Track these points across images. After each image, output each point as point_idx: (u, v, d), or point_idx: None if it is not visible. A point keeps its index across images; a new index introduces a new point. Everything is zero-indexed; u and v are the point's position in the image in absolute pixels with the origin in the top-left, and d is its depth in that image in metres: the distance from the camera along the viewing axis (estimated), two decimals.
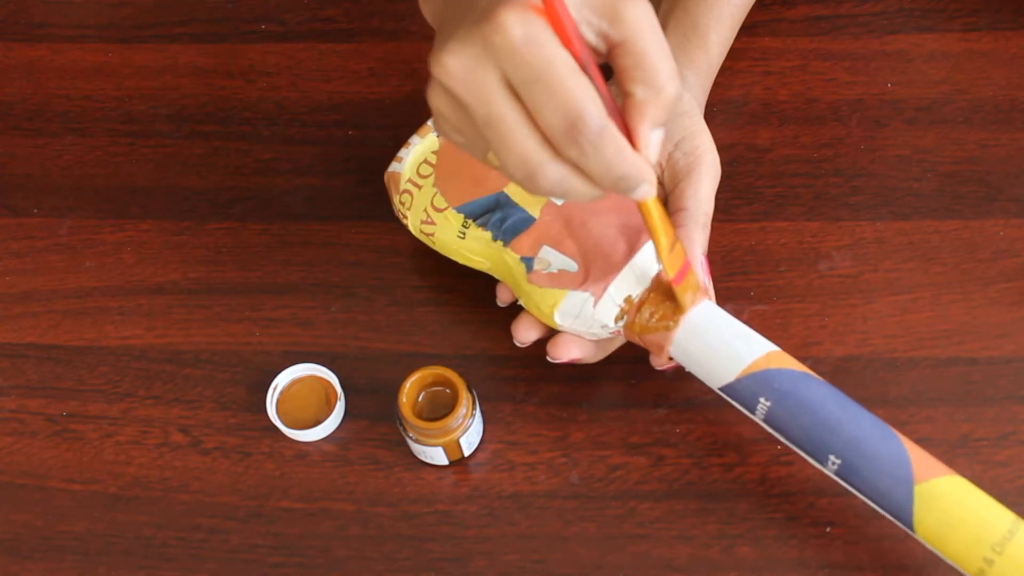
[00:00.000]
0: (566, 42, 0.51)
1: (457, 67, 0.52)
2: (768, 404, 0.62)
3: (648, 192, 0.55)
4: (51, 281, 0.77)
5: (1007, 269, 0.73)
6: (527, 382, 0.72)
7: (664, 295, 0.64)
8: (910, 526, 0.60)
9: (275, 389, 0.71)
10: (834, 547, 0.66)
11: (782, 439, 0.64)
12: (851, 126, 0.78)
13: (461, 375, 0.67)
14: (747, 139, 0.78)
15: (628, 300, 0.65)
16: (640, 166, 0.53)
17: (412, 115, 0.79)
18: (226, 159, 0.80)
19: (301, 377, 0.72)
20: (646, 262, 0.65)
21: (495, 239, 0.69)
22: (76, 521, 0.70)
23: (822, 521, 0.67)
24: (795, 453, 0.68)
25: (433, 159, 0.72)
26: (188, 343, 0.74)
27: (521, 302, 0.68)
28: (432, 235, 0.71)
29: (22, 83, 0.85)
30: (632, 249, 0.65)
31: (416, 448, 0.68)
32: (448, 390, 0.68)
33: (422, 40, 0.84)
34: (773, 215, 0.76)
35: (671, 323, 0.64)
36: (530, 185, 0.54)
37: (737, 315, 0.72)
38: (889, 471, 0.60)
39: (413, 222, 0.72)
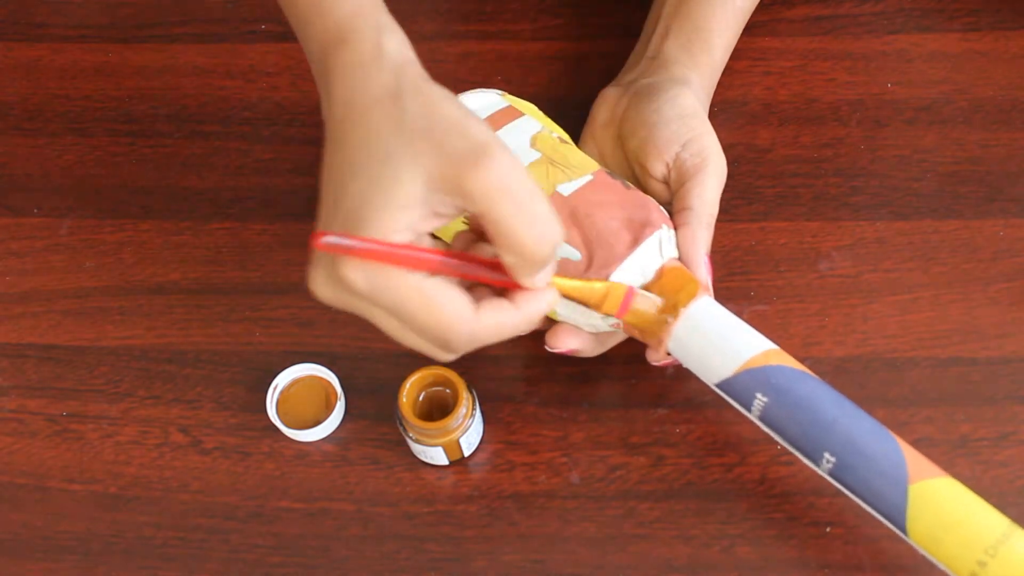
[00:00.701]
0: (413, 267, 0.53)
1: (328, 297, 0.55)
2: (765, 400, 0.62)
3: (552, 306, 0.57)
4: (51, 281, 0.77)
5: (1007, 269, 0.73)
6: (527, 382, 0.72)
7: (666, 289, 0.64)
8: (903, 527, 0.60)
9: (275, 389, 0.71)
10: (834, 547, 0.66)
11: (777, 437, 0.64)
12: (851, 126, 0.78)
13: (461, 375, 0.67)
14: (747, 139, 0.78)
15: None
16: (525, 319, 0.56)
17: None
18: (226, 159, 0.80)
19: (301, 377, 0.72)
20: (649, 255, 0.65)
21: None
22: (76, 521, 0.70)
23: (822, 521, 0.67)
24: (795, 453, 0.68)
25: None
26: (188, 343, 0.74)
27: None
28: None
29: (22, 83, 0.85)
30: (636, 241, 0.65)
31: (416, 448, 0.68)
32: (448, 390, 0.68)
33: (422, 40, 0.84)
34: (773, 215, 0.76)
35: (671, 316, 0.64)
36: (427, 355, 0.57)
37: (737, 315, 0.72)
38: (884, 470, 0.60)
39: None
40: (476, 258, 0.56)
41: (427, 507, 0.69)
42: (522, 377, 0.72)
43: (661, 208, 0.67)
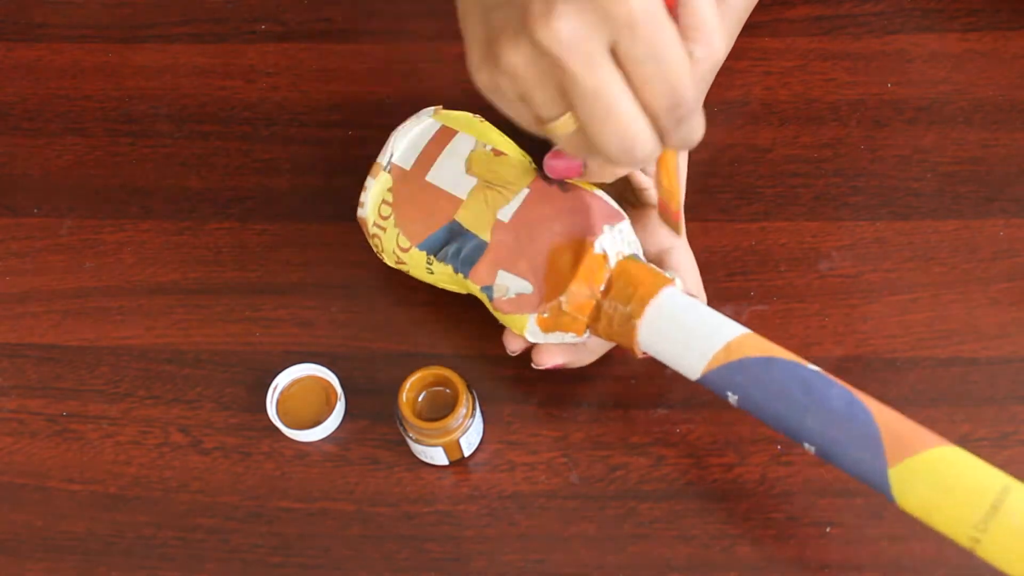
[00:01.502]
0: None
1: (569, 34, 0.49)
2: (736, 397, 0.62)
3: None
4: (51, 281, 0.77)
5: (1007, 269, 0.73)
6: (527, 382, 0.72)
7: (617, 296, 0.64)
8: (894, 501, 0.59)
9: (275, 389, 0.71)
10: (834, 547, 0.66)
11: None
12: (851, 126, 0.78)
13: (461, 375, 0.67)
14: (747, 139, 0.78)
15: (587, 308, 0.65)
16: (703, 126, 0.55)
17: (412, 115, 0.79)
18: (226, 159, 0.80)
19: (301, 377, 0.72)
20: (593, 269, 0.65)
21: (456, 272, 0.68)
22: (76, 521, 0.70)
23: (822, 521, 0.67)
24: (795, 453, 0.68)
25: (390, 197, 0.70)
26: (188, 343, 0.74)
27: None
28: (408, 271, 0.71)
29: (22, 83, 0.85)
30: (579, 258, 0.64)
31: (416, 448, 0.68)
32: (448, 390, 0.68)
33: (422, 40, 0.84)
34: (773, 215, 0.76)
35: (634, 321, 0.63)
36: (624, 156, 0.53)
37: (737, 315, 0.73)
38: (863, 457, 0.59)
39: (389, 261, 0.71)
40: None
41: (427, 507, 0.69)
42: (522, 377, 0.72)
43: (607, 200, 0.66)
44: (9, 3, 0.88)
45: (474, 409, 0.68)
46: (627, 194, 0.69)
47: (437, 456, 0.69)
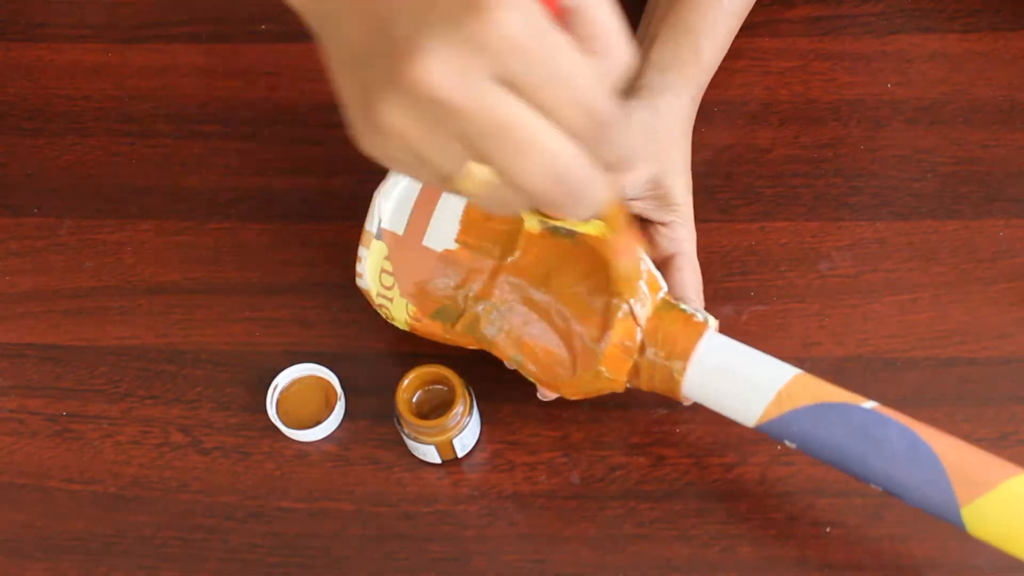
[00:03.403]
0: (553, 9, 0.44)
1: (447, 73, 0.42)
2: (794, 445, 0.62)
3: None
4: (51, 281, 0.77)
5: (1007, 269, 0.73)
6: (527, 382, 0.72)
7: (655, 353, 0.63)
8: (964, 529, 0.60)
9: (275, 389, 0.71)
10: (834, 547, 0.66)
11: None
12: (851, 126, 0.78)
13: (460, 375, 0.67)
14: (747, 139, 0.78)
15: (625, 368, 0.64)
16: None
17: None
18: (226, 159, 0.80)
19: (301, 377, 0.72)
20: (624, 335, 0.64)
21: (479, 340, 0.67)
22: (76, 521, 0.70)
23: (822, 521, 0.67)
24: (795, 453, 0.68)
25: (389, 267, 0.68)
26: (188, 343, 0.74)
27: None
28: (428, 335, 0.70)
29: (22, 83, 0.85)
30: (605, 326, 0.64)
31: (411, 444, 0.68)
32: (447, 388, 0.68)
33: None
34: (773, 215, 0.76)
35: (677, 378, 0.63)
36: (561, 195, 0.45)
37: (737, 315, 0.73)
38: (931, 496, 0.59)
39: (403, 327, 0.70)
40: None
41: (427, 507, 0.69)
42: (522, 377, 0.72)
43: (623, 247, 0.63)
44: (9, 3, 0.88)
45: (471, 408, 0.68)
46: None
47: (430, 454, 0.69)
